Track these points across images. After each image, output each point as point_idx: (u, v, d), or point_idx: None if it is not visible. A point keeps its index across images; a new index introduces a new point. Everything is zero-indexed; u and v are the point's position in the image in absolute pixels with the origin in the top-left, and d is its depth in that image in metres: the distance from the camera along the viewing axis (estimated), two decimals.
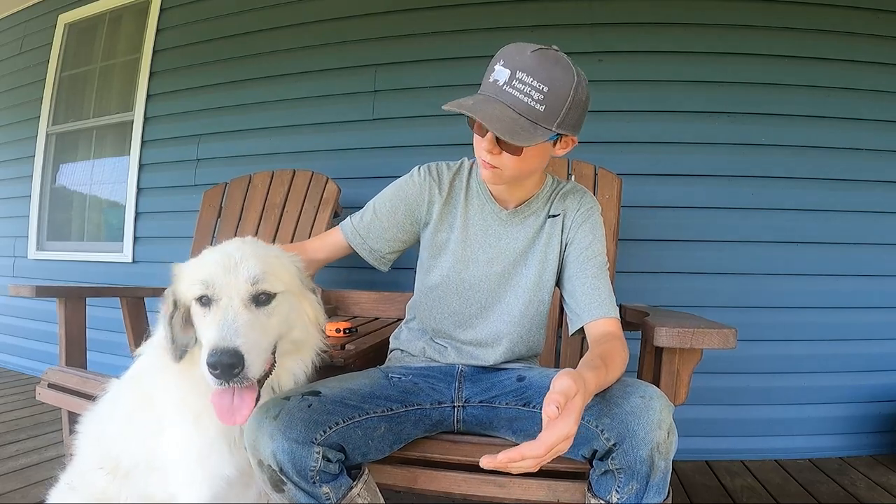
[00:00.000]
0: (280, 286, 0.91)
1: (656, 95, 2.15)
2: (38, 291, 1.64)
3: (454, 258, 1.14)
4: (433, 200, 1.15)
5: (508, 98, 0.91)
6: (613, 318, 1.06)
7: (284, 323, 0.92)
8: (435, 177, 1.15)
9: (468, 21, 2.31)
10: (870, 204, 2.10)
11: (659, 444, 0.84)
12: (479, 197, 1.14)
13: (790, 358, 2.10)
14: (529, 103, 0.90)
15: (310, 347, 1.01)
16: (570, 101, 0.92)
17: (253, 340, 0.82)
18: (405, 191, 1.16)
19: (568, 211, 1.13)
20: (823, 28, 2.11)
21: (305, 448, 0.86)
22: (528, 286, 1.13)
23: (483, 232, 1.14)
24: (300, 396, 0.93)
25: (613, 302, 1.07)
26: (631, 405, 0.86)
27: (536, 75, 0.90)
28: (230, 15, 2.72)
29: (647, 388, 0.90)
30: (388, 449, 1.02)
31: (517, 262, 1.13)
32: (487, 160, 0.99)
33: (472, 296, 1.14)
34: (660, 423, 0.84)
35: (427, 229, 1.17)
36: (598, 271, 1.09)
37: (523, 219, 1.13)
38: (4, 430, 2.19)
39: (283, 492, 0.89)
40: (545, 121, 0.92)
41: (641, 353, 1.31)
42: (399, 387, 1.09)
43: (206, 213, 2.21)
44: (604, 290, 1.07)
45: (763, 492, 1.79)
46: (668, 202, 2.12)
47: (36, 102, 3.31)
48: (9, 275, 3.37)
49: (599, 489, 0.89)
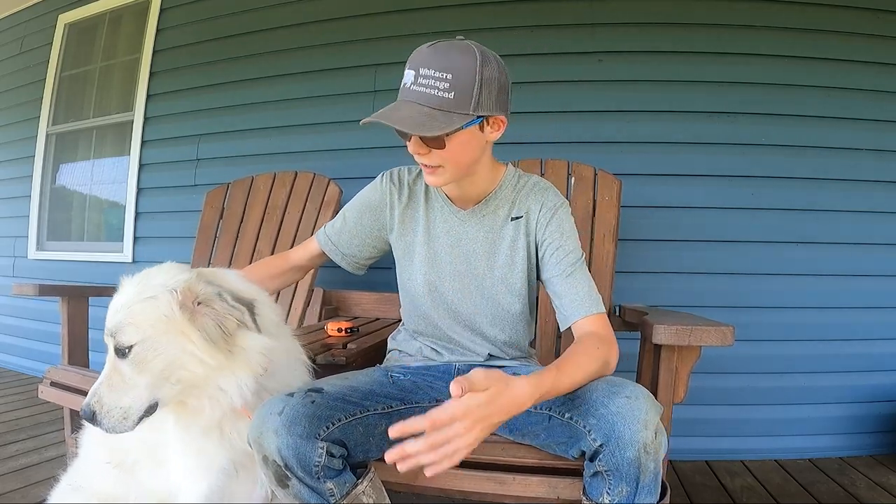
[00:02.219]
0: (136, 336, 0.86)
1: (656, 95, 2.15)
2: (41, 290, 1.66)
3: (420, 261, 1.15)
4: (394, 205, 1.16)
5: (416, 96, 0.92)
6: (596, 314, 1.03)
7: (154, 371, 0.87)
8: (396, 182, 1.16)
9: (468, 21, 2.31)
10: (870, 204, 2.10)
11: (646, 445, 0.83)
12: (436, 199, 1.15)
13: (790, 358, 2.10)
14: (438, 94, 0.91)
15: (209, 387, 0.91)
16: (479, 80, 0.92)
17: (109, 400, 0.86)
18: (369, 197, 1.18)
19: (530, 212, 1.12)
20: (823, 28, 2.11)
21: (309, 443, 0.87)
22: (496, 289, 1.13)
23: (446, 234, 1.14)
24: (303, 393, 0.94)
25: (594, 298, 1.05)
26: (617, 405, 0.86)
27: (436, 65, 0.91)
28: (230, 15, 2.72)
29: (634, 388, 0.89)
30: (388, 446, 1.02)
31: (481, 262, 1.13)
32: (422, 162, 1.00)
33: (442, 298, 1.16)
34: (646, 424, 0.83)
35: (393, 234, 1.18)
36: (572, 269, 1.07)
37: (481, 217, 1.13)
38: (4, 430, 2.19)
39: (287, 487, 0.90)
40: (459, 107, 0.91)
41: (641, 352, 1.32)
42: (399, 385, 1.10)
43: (208, 214, 2.21)
44: (581, 287, 1.05)
45: (763, 492, 1.79)
46: (668, 202, 2.13)
47: (36, 102, 3.32)
48: (9, 275, 3.37)
49: (592, 491, 0.89)
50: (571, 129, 2.18)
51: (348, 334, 1.56)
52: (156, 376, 0.87)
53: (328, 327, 1.59)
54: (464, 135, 0.96)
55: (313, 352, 1.28)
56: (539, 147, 2.16)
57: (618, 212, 1.73)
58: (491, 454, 1.01)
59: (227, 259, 2.09)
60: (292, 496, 0.90)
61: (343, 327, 1.57)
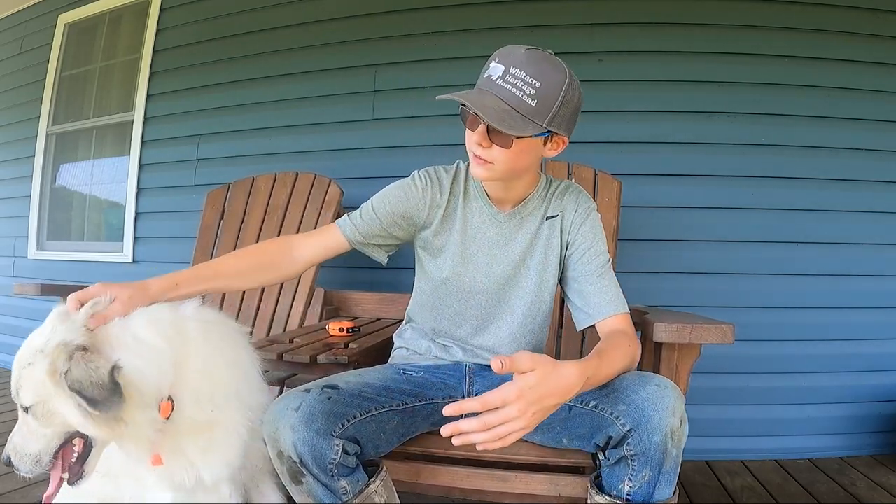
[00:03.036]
0: (29, 399, 0.85)
1: (656, 95, 2.15)
2: (43, 290, 1.66)
3: (454, 260, 1.14)
4: (435, 205, 1.13)
5: (501, 91, 0.92)
6: (623, 314, 1.06)
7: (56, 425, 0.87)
8: (436, 181, 1.14)
9: (468, 21, 2.31)
10: (870, 204, 2.11)
11: (673, 431, 0.85)
12: (476, 199, 1.14)
13: (790, 358, 2.10)
14: (521, 97, 0.91)
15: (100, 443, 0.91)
16: (562, 98, 0.93)
17: (21, 447, 0.88)
18: (407, 194, 1.14)
19: (566, 212, 1.14)
20: (823, 28, 2.12)
21: (326, 440, 0.87)
22: (530, 288, 1.14)
23: (482, 235, 1.14)
24: (320, 389, 0.94)
25: (621, 298, 1.08)
26: (647, 392, 0.89)
27: (528, 70, 0.92)
28: (230, 15, 2.72)
29: (662, 379, 0.92)
30: (397, 442, 1.04)
31: (517, 264, 1.14)
32: (478, 153, 0.98)
33: (473, 298, 1.15)
34: (674, 411, 0.86)
35: (425, 232, 1.16)
36: (603, 270, 1.10)
37: (521, 220, 1.14)
38: (4, 430, 2.18)
39: (301, 484, 0.90)
40: (536, 116, 0.92)
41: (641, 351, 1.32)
42: (413, 381, 1.10)
43: (210, 214, 2.21)
44: (611, 288, 1.09)
45: (763, 492, 1.79)
46: (668, 202, 2.13)
47: (36, 102, 3.31)
48: (9, 275, 3.36)
49: (610, 480, 0.91)
50: None
51: (350, 334, 1.56)
52: (59, 429, 0.88)
53: (329, 327, 1.59)
54: (530, 143, 0.98)
55: (315, 351, 1.28)
56: None
57: (618, 212, 1.73)
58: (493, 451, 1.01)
59: None
60: (306, 493, 0.90)
61: (344, 327, 1.57)
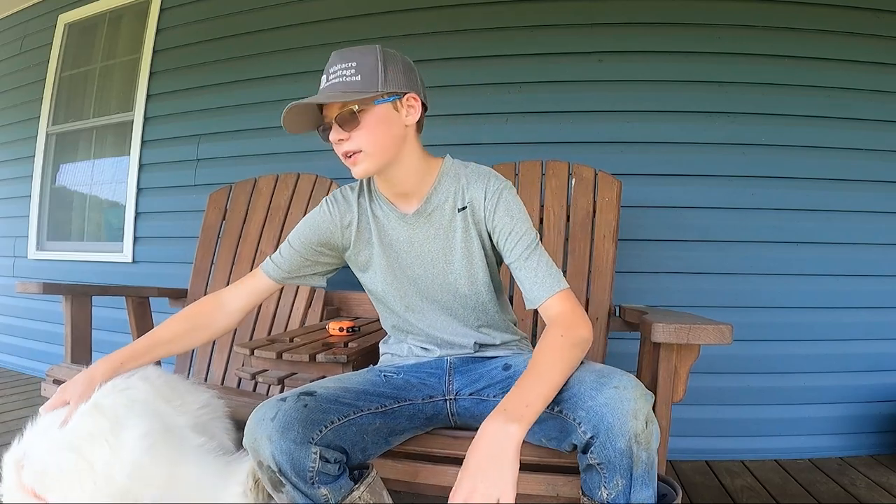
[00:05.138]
0: None
1: (656, 95, 2.15)
2: (45, 288, 1.67)
3: (382, 272, 1.14)
4: (346, 224, 1.14)
5: (329, 89, 0.99)
6: (558, 293, 1.00)
7: None
8: (342, 202, 1.15)
9: (468, 21, 2.31)
10: (870, 204, 2.11)
11: (637, 435, 0.82)
12: (381, 207, 1.13)
13: (790, 358, 2.10)
14: (346, 80, 0.97)
15: None
16: (382, 62, 0.98)
17: None
18: (318, 222, 1.15)
19: (475, 200, 1.08)
20: (823, 28, 2.12)
21: (303, 448, 0.88)
22: (462, 283, 1.12)
23: (396, 240, 1.12)
24: (296, 397, 0.95)
25: (554, 276, 1.01)
26: (605, 396, 0.85)
27: (342, 60, 0.99)
28: (230, 15, 2.72)
29: (622, 378, 0.89)
30: (385, 443, 1.04)
31: (440, 261, 1.11)
32: (345, 149, 1.00)
33: (414, 303, 1.15)
34: (635, 413, 0.83)
35: (348, 252, 1.17)
36: (528, 252, 1.03)
37: (428, 217, 1.10)
38: (4, 430, 2.19)
39: (282, 493, 0.91)
40: (368, 86, 0.97)
41: (640, 351, 1.32)
42: (392, 384, 1.10)
43: (212, 215, 2.22)
44: (540, 268, 1.02)
45: (763, 492, 1.79)
46: (668, 202, 2.13)
47: (36, 102, 3.31)
48: (9, 274, 3.37)
49: (589, 488, 0.89)
50: (571, 129, 2.18)
51: (350, 334, 1.57)
52: None
53: (330, 327, 1.59)
54: (379, 112, 0.99)
55: (314, 350, 1.29)
56: (539, 147, 2.16)
57: (618, 212, 1.73)
58: None
59: (230, 260, 2.10)
60: (287, 501, 0.91)
61: (344, 327, 1.58)
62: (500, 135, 2.24)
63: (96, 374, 1.03)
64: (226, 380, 1.92)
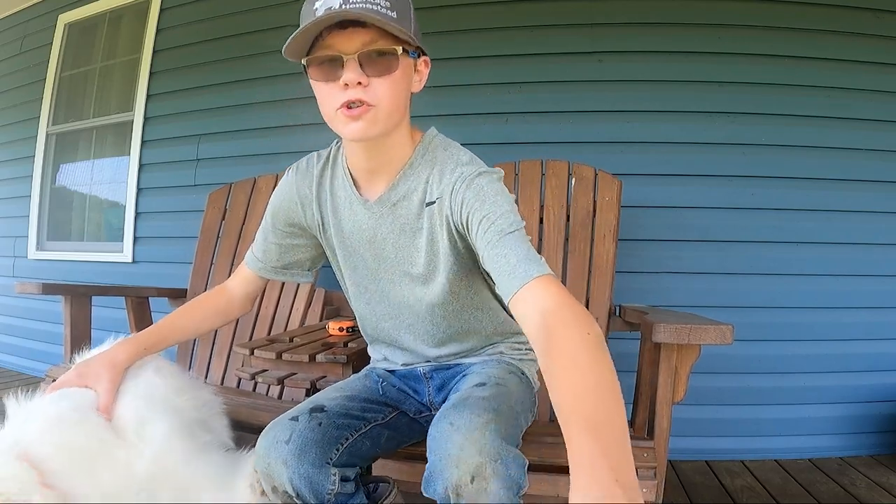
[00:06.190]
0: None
1: (656, 95, 2.15)
2: (44, 289, 1.67)
3: (343, 262, 1.02)
4: (305, 199, 0.99)
5: (356, 9, 0.73)
6: (537, 278, 0.72)
7: None
8: (303, 170, 1.00)
9: (467, 21, 2.31)
10: (870, 204, 2.11)
11: (457, 487, 0.68)
12: (343, 189, 0.96)
13: (790, 358, 2.10)
14: (380, 10, 0.74)
15: None
16: (412, 8, 0.81)
17: None
18: (281, 196, 1.02)
19: (444, 192, 0.88)
20: (823, 28, 2.12)
21: (322, 471, 0.85)
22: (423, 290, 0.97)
23: (358, 231, 0.96)
24: (308, 415, 0.89)
25: (532, 259, 0.75)
26: (438, 429, 0.75)
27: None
28: (230, 15, 2.72)
29: (463, 415, 0.74)
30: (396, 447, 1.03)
31: (403, 262, 0.96)
32: (357, 97, 0.78)
33: (372, 300, 1.03)
34: (458, 462, 0.68)
35: (318, 233, 1.03)
36: (499, 237, 0.78)
37: (392, 207, 0.93)
38: None
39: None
40: (404, 25, 0.77)
41: (641, 351, 1.32)
42: (387, 395, 1.08)
43: (211, 215, 2.21)
44: (513, 254, 0.76)
45: (763, 492, 1.79)
46: (668, 202, 2.13)
47: (36, 102, 3.31)
48: (9, 274, 3.37)
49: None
50: (571, 129, 2.18)
51: (349, 334, 1.56)
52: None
53: (329, 327, 1.59)
54: (405, 65, 0.81)
55: (313, 350, 1.29)
56: (539, 147, 2.16)
57: (618, 212, 1.73)
58: None
59: (230, 260, 2.09)
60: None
61: (344, 326, 1.58)
62: (500, 135, 2.24)
63: (118, 358, 0.95)
64: (225, 380, 1.92)
